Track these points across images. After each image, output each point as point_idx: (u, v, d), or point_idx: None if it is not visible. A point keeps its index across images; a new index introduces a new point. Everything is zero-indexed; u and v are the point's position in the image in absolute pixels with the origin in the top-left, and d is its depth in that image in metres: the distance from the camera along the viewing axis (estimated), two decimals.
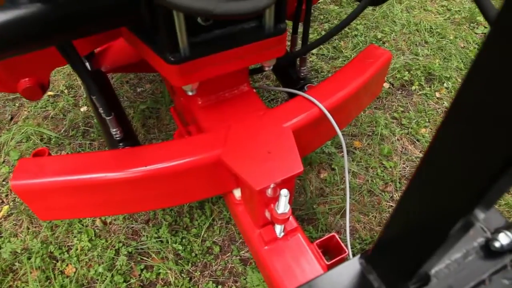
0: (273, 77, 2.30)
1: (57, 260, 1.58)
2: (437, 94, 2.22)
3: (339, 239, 1.17)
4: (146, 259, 1.58)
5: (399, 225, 0.53)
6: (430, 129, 2.05)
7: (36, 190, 1.06)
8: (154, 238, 1.62)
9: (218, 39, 0.97)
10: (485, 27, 2.65)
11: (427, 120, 2.08)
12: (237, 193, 1.21)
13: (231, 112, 1.21)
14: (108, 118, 1.16)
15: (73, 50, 1.00)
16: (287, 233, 1.13)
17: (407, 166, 1.88)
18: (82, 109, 2.15)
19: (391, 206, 1.74)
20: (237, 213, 1.21)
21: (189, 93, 1.07)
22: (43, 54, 1.06)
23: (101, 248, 1.60)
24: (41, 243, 1.61)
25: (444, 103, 2.18)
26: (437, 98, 2.20)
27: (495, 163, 0.34)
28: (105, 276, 1.52)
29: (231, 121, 1.16)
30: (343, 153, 1.88)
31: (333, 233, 1.19)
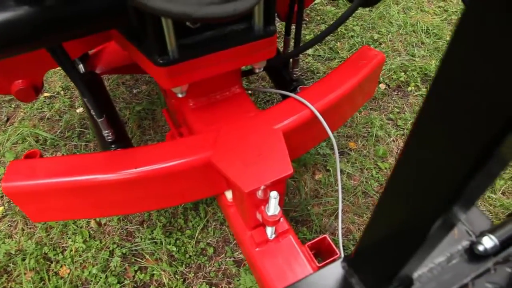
0: (269, 78, 2.29)
1: (52, 262, 1.58)
2: None
3: (331, 241, 1.17)
4: (140, 260, 1.58)
5: (378, 227, 0.53)
6: None
7: (27, 192, 1.06)
8: (148, 240, 1.62)
9: (207, 41, 0.97)
10: None
11: None
12: (228, 194, 1.21)
13: (222, 114, 1.21)
14: (100, 120, 1.16)
15: (63, 52, 1.00)
16: (278, 235, 1.13)
17: None
18: (78, 111, 2.15)
19: None
20: (229, 214, 1.21)
21: (179, 95, 1.07)
22: (36, 56, 1.06)
23: (96, 249, 1.61)
24: (35, 244, 1.61)
25: None
26: None
27: (468, 160, 0.33)
28: (99, 277, 1.53)
29: (222, 123, 1.16)
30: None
31: (325, 235, 1.19)
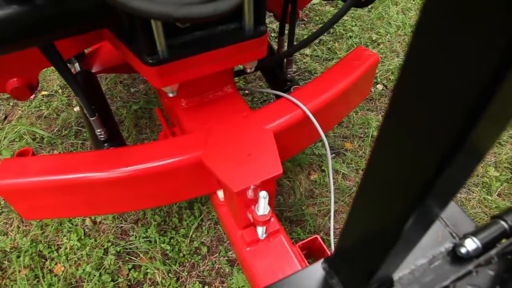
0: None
1: (46, 259, 1.59)
2: None
3: (322, 241, 1.17)
4: (134, 258, 1.58)
5: (354, 227, 0.52)
6: None
7: (19, 189, 1.07)
8: (142, 238, 1.63)
9: (197, 41, 0.97)
10: None
11: None
12: (220, 194, 1.21)
13: (214, 114, 1.21)
14: (92, 118, 1.17)
15: (55, 51, 1.00)
16: (269, 234, 1.13)
17: None
18: (75, 109, 2.16)
19: None
20: (221, 214, 1.21)
21: (170, 95, 1.07)
22: (30, 55, 1.07)
23: (90, 248, 1.61)
24: (30, 241, 1.62)
25: None
26: None
27: (436, 153, 0.33)
28: (93, 275, 1.53)
29: (213, 122, 1.16)
30: (332, 155, 1.88)
31: (316, 235, 1.19)
